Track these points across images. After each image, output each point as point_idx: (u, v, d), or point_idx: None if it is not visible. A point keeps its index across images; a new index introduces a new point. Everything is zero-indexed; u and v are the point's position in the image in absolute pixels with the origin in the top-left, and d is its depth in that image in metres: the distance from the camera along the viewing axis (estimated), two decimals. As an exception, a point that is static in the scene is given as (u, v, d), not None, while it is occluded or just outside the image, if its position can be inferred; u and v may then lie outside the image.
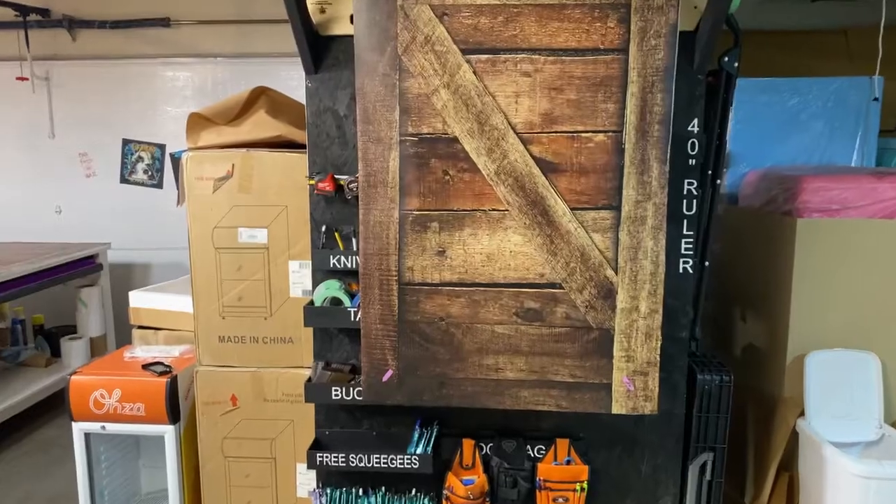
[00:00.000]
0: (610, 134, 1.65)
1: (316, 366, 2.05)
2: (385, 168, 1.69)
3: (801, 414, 2.24)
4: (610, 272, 1.69)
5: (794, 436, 2.25)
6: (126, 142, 4.26)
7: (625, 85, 1.63)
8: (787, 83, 2.71)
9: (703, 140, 1.91)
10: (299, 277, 2.18)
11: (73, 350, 3.70)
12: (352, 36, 1.73)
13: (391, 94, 1.67)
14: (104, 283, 3.92)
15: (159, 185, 4.23)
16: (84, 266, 3.81)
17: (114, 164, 4.29)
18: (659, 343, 1.72)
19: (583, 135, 1.65)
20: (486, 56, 1.64)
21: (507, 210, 1.69)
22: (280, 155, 2.18)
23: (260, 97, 2.31)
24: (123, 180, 4.29)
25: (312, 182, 1.96)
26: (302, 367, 2.22)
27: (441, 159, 1.68)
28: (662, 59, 1.61)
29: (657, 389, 1.73)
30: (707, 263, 2.06)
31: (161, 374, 2.31)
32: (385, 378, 1.77)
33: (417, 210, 1.71)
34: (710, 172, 2.00)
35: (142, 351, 2.53)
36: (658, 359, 1.72)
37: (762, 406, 2.40)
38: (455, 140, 1.67)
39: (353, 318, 1.88)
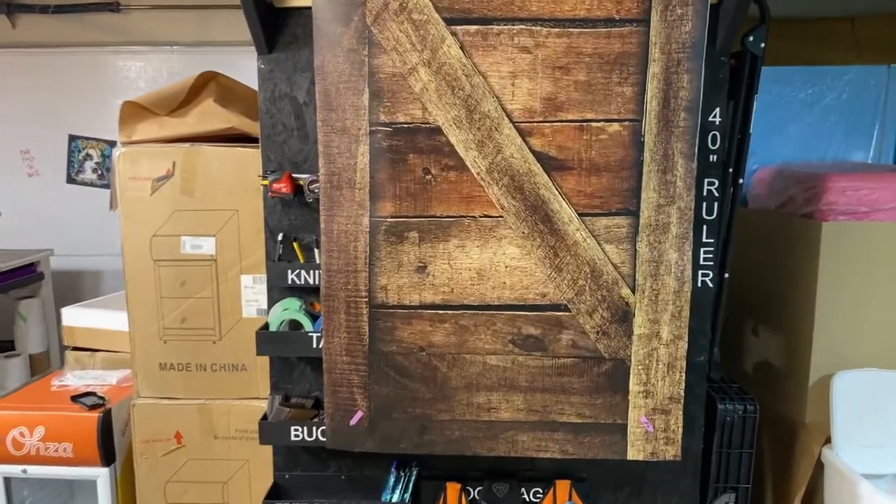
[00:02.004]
0: (626, 123, 1.34)
1: (273, 400, 1.71)
2: (352, 165, 1.36)
3: (827, 442, 1.96)
4: (626, 291, 1.38)
5: (819, 467, 1.97)
6: (73, 138, 3.84)
7: (645, 64, 1.32)
8: (798, 73, 2.43)
9: (726, 133, 1.61)
10: (253, 294, 1.84)
11: (10, 369, 3.28)
12: (311, 7, 1.39)
13: (358, 73, 1.33)
14: (46, 293, 3.50)
15: (109, 186, 3.82)
16: (24, 275, 3.39)
17: (59, 162, 3.87)
18: (683, 375, 1.41)
19: (594, 124, 1.33)
20: (476, 27, 1.32)
21: (501, 216, 1.37)
22: (229, 150, 1.83)
23: (209, 83, 1.96)
24: (70, 180, 3.87)
25: (266, 182, 1.62)
26: (257, 398, 1.87)
27: (421, 154, 1.35)
28: (690, 32, 1.31)
29: (681, 430, 1.43)
30: (727, 275, 1.76)
31: (92, 407, 1.94)
32: (353, 421, 1.44)
33: (392, 216, 1.38)
34: (731, 170, 1.71)
35: (73, 378, 2.16)
36: (682, 394, 1.42)
37: (780, 433, 2.12)
38: (438, 131, 1.35)
39: (315, 345, 1.55)
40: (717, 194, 1.60)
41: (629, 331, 1.39)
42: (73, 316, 2.34)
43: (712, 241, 1.62)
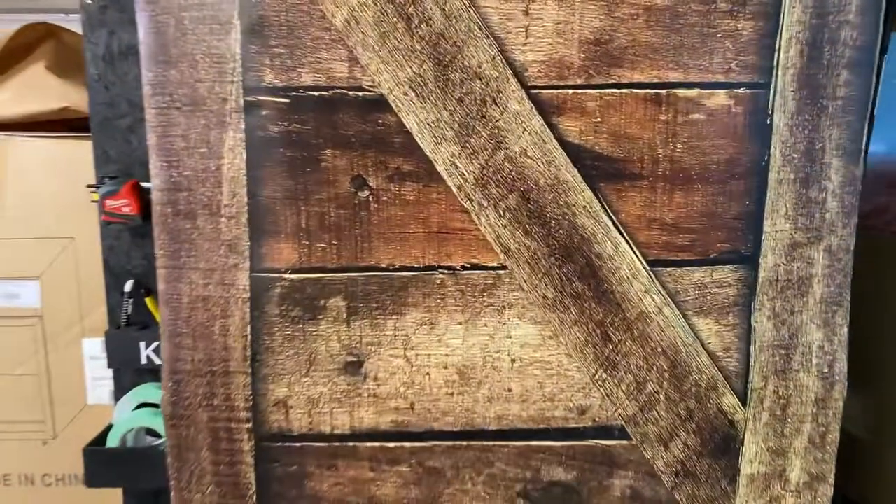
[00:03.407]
0: (741, 92, 0.69)
1: (124, 548, 1.04)
2: (212, 171, 0.69)
3: (940, 550, 1.37)
4: (730, 400, 0.74)
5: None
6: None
7: (780, -25, 0.68)
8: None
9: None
10: (103, 369, 1.15)
11: None
12: None
13: (220, -12, 0.66)
14: None
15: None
16: None
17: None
18: (825, 543, 0.78)
19: (680, 93, 0.69)
20: None
21: (504, 267, 0.71)
22: (60, 143, 1.14)
23: (43, 42, 1.28)
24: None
25: (97, 197, 0.95)
26: (117, 525, 1.19)
27: (348, 149, 0.69)
28: (865, -86, 0.67)
29: None
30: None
31: None
32: None
33: (294, 270, 0.71)
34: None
35: None
36: (823, 575, 0.79)
37: (869, 531, 1.53)
38: (380, 104, 0.68)
39: (183, 474, 0.87)
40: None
41: (733, 469, 0.76)
42: None
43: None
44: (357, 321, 0.72)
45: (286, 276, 0.70)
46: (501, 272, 0.71)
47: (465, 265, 0.71)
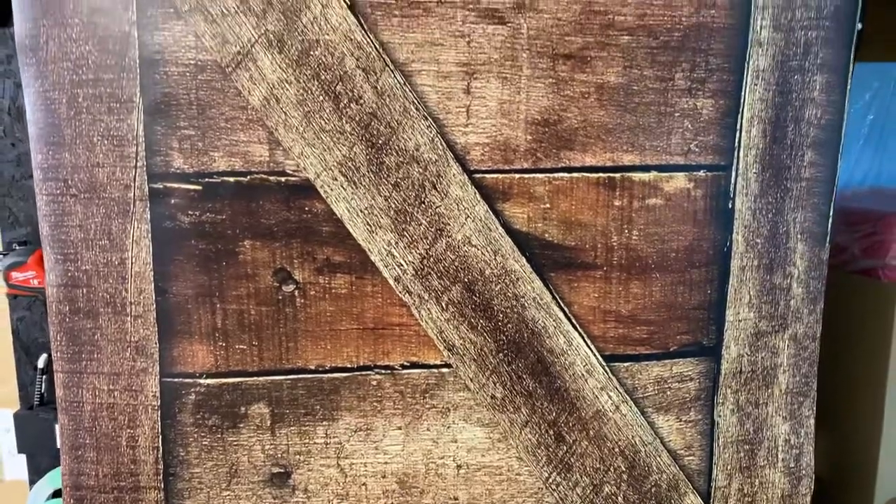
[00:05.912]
0: (701, 175, 0.64)
1: None
2: (115, 265, 0.60)
3: None
4: (692, 500, 0.69)
5: None
6: None
7: (743, 51, 0.62)
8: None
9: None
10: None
11: None
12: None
13: (119, 62, 0.57)
14: None
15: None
16: None
17: None
18: None
19: (636, 177, 0.63)
20: (386, -37, 0.58)
21: (447, 365, 0.64)
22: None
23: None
24: None
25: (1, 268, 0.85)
26: None
27: (270, 241, 0.61)
28: (829, -15, 0.62)
29: None
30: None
31: None
32: None
33: (210, 375, 0.63)
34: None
35: None
36: None
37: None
38: (306, 188, 0.61)
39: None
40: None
41: (696, 572, 0.70)
42: None
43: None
44: (283, 429, 0.64)
45: (201, 381, 0.62)
46: (445, 371, 0.64)
47: (405, 364, 0.64)
